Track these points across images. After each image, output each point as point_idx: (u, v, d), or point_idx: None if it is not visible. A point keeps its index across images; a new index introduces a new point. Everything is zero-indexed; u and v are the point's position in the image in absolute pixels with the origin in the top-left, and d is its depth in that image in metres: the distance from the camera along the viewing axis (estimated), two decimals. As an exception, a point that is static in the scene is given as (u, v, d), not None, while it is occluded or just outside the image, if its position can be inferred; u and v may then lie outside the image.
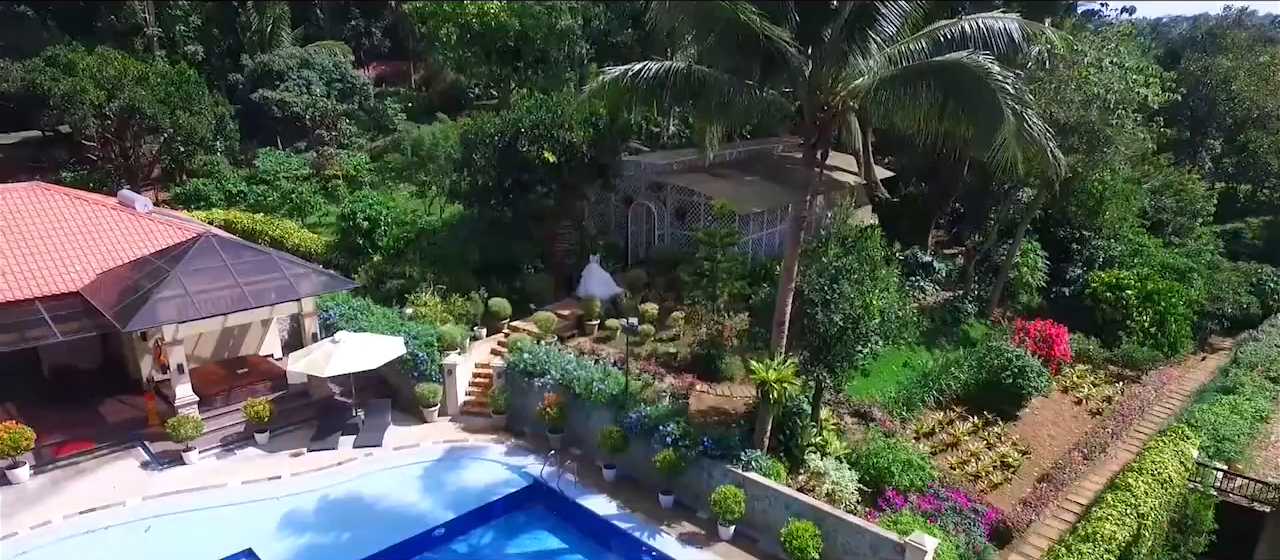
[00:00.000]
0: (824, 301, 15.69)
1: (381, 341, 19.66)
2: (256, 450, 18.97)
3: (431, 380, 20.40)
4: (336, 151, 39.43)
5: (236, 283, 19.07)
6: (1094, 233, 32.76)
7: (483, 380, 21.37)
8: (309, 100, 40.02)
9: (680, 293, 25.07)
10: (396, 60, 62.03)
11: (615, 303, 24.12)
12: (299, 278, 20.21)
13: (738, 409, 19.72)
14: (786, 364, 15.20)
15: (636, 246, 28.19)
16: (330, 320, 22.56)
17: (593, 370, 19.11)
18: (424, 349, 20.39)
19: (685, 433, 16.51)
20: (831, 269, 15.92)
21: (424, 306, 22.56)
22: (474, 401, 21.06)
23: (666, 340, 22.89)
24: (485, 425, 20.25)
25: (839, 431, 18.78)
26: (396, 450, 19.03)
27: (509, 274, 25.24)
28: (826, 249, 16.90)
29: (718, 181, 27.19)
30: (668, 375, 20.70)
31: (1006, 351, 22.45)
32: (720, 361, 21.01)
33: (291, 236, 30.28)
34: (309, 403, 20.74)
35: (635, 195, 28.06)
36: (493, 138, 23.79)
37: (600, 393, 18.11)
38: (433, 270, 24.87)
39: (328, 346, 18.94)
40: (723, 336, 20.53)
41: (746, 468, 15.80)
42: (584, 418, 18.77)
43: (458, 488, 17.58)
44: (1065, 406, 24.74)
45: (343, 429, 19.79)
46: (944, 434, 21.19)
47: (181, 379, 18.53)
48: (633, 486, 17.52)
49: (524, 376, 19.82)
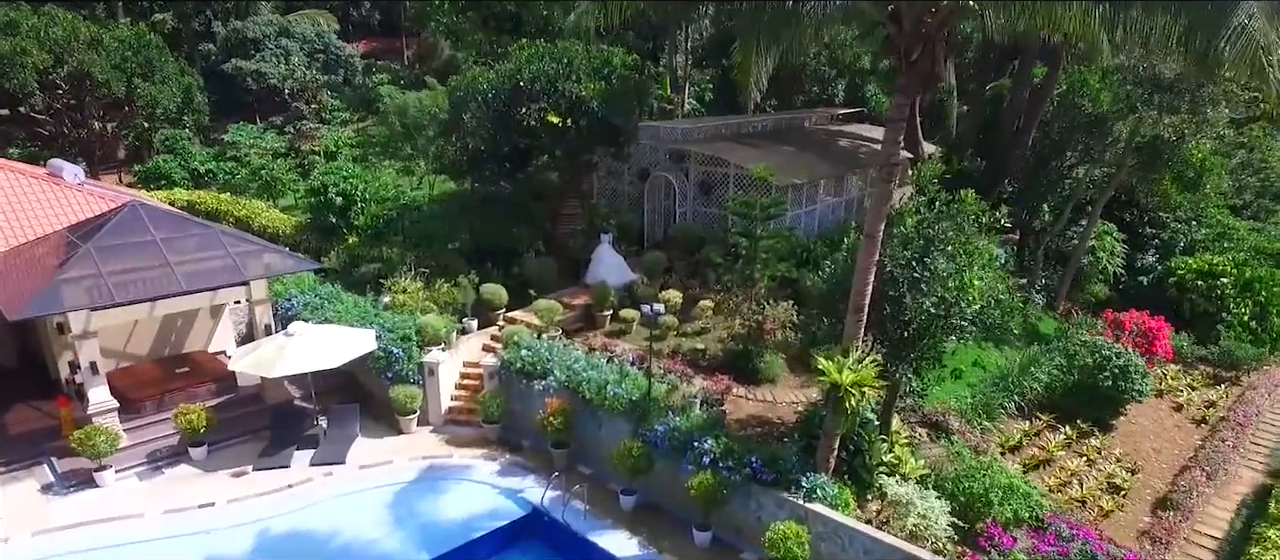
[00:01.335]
0: (911, 281, 12.16)
1: (347, 335, 16.25)
2: (191, 469, 15.56)
3: (408, 382, 16.96)
4: (317, 127, 36.02)
5: (165, 262, 15.63)
6: (1169, 214, 29.14)
7: (472, 382, 17.92)
8: (286, 70, 36.62)
9: (706, 278, 21.66)
10: (388, 38, 58.85)
11: (630, 290, 20.67)
12: (247, 257, 16.76)
13: (783, 418, 16.26)
14: (865, 362, 11.66)
15: (654, 226, 24.68)
16: (292, 310, 19.20)
17: (606, 370, 15.65)
18: (400, 344, 16.96)
19: (727, 450, 13.02)
20: (921, 238, 12.35)
21: (403, 293, 19.11)
22: (461, 408, 17.61)
23: (692, 334, 19.43)
24: (474, 437, 16.80)
25: (912, 446, 15.26)
26: (363, 469, 15.59)
27: (506, 258, 21.86)
28: (904, 219, 13.33)
29: (748, 150, 23.67)
30: (696, 376, 17.26)
31: (1105, 348, 18.85)
32: (759, 360, 17.54)
33: (258, 217, 26.89)
34: (261, 409, 17.30)
35: (652, 167, 24.55)
36: (486, 94, 20.30)
37: (616, 399, 14.64)
38: (417, 252, 21.46)
39: (279, 340, 15.52)
40: (764, 329, 17.01)
41: (809, 497, 12.30)
42: (595, 429, 15.31)
43: (436, 518, 14.14)
44: (1163, 413, 21.15)
45: (299, 442, 16.37)
46: (1033, 447, 17.64)
47: (96, 380, 15.12)
48: (658, 517, 14.06)
49: (521, 377, 16.36)
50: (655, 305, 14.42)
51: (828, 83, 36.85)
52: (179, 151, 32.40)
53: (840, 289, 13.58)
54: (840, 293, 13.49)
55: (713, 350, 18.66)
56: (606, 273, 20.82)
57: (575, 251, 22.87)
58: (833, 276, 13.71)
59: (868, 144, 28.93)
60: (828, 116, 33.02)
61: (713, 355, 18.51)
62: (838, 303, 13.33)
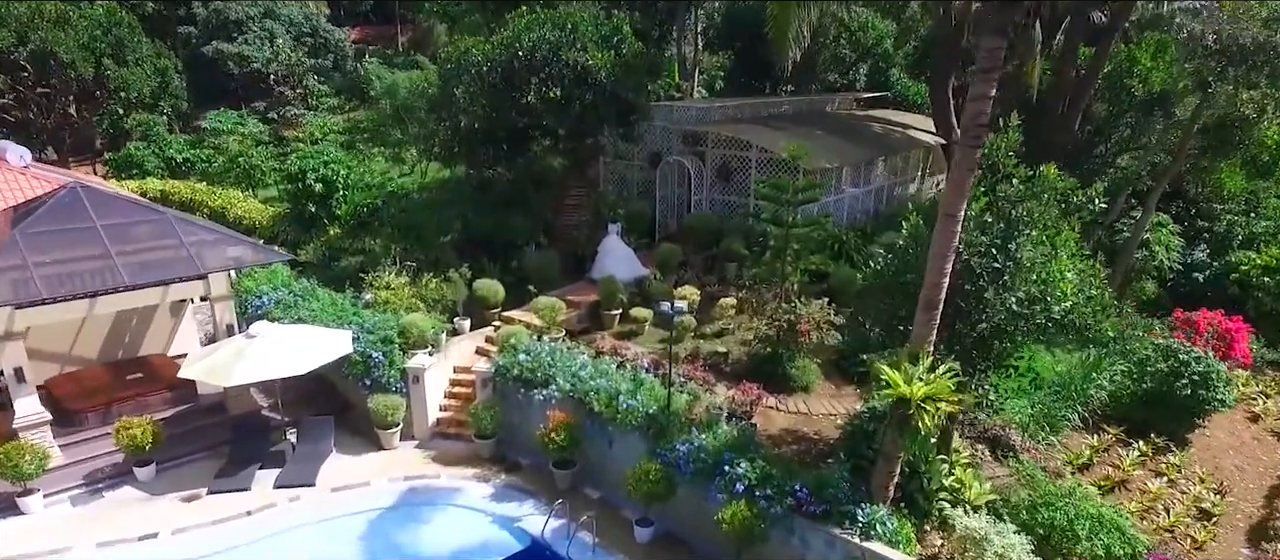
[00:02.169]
0: (992, 273, 10.08)
1: (319, 337, 14.27)
2: (135, 491, 13.57)
3: (390, 391, 14.94)
4: (302, 113, 34.00)
5: (107, 253, 13.63)
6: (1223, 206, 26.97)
7: (463, 390, 15.92)
8: (270, 53, 34.60)
9: (726, 273, 19.64)
10: (383, 25, 56.90)
11: (641, 286, 18.65)
12: (204, 247, 14.75)
13: (821, 432, 14.24)
14: (938, 371, 9.60)
15: (665, 216, 22.63)
16: (262, 308, 17.20)
17: (616, 378, 13.64)
18: (380, 347, 14.94)
19: (765, 475, 10.97)
20: (1000, 221, 10.27)
21: (386, 290, 17.09)
22: (450, 419, 15.61)
23: (712, 336, 17.40)
24: (464, 454, 14.80)
25: (975, 467, 13.19)
26: (335, 492, 13.58)
27: (503, 251, 19.86)
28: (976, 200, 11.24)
29: (772, 133, 21.59)
30: (718, 383, 15.23)
31: (1182, 352, 16.74)
32: (791, 365, 15.49)
33: (234, 208, 24.90)
34: (223, 421, 15.29)
35: (664, 151, 22.48)
36: (480, 66, 18.25)
37: (630, 412, 12.61)
38: (405, 244, 19.45)
39: (238, 343, 13.54)
40: (799, 330, 14.94)
41: (866, 534, 10.24)
42: (605, 447, 13.30)
43: (418, 552, 12.18)
44: (1238, 424, 19.00)
45: (263, 459, 14.38)
46: (1105, 466, 15.56)
47: (23, 389, 13.14)
48: (679, 552, 12.10)
49: (519, 386, 14.35)
50: (676, 302, 12.38)
51: (848, 67, 34.78)
52: (153, 139, 30.39)
53: (897, 283, 11.52)
54: (898, 287, 11.44)
55: (736, 354, 16.65)
56: (615, 267, 18.81)
57: (579, 244, 20.86)
58: (888, 268, 11.63)
59: (898, 128, 26.86)
60: (850, 101, 30.97)
61: (736, 360, 16.49)
62: (892, 298, 11.27)
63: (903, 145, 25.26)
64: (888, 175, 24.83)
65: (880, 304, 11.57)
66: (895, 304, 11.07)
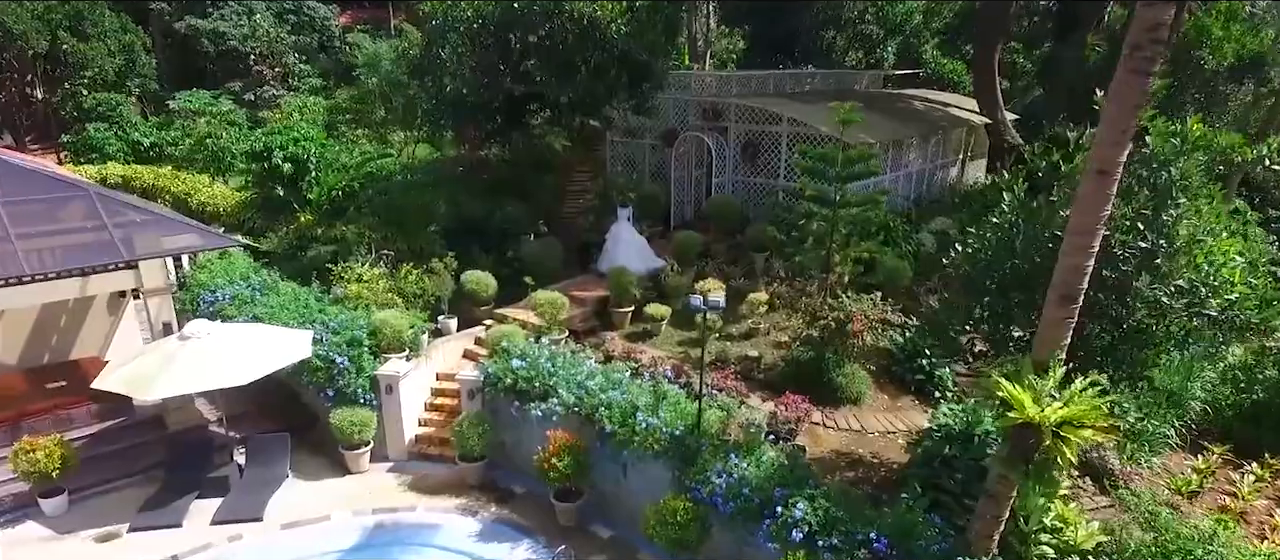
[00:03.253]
0: (1142, 256, 7.62)
1: (272, 339, 11.84)
2: (39, 529, 11.18)
3: (357, 403, 12.51)
4: (282, 94, 31.56)
5: (5, 235, 11.17)
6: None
7: (448, 402, 13.49)
8: (248, 30, 32.17)
9: (753, 264, 17.21)
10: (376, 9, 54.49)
11: (657, 280, 16.25)
12: (132, 231, 12.37)
13: (880, 454, 11.83)
14: (1076, 387, 7.12)
15: (681, 201, 20.16)
16: (215, 304, 14.77)
17: (632, 389, 11.19)
18: (345, 350, 12.48)
19: (829, 519, 8.51)
20: (1146, 189, 7.79)
21: (359, 283, 14.65)
22: (431, 437, 13.19)
23: (740, 338, 14.98)
24: (447, 480, 12.38)
25: (1074, 499, 10.74)
26: (287, 529, 11.18)
27: (498, 240, 17.45)
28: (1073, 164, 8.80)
29: (805, 105, 19.12)
30: (752, 393, 12.83)
31: (1305, 357, 14.25)
32: (838, 371, 13.05)
33: (198, 193, 22.50)
34: (159, 439, 12.87)
35: (681, 128, 20.00)
36: (471, 22, 15.80)
37: (650, 432, 10.17)
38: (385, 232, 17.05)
39: (168, 348, 11.11)
40: (852, 331, 12.46)
41: (968, 601, 7.77)
42: (618, 474, 10.88)
43: (384, 613, 9.69)
44: (1348, 440, 16.49)
45: (202, 487, 11.96)
46: (1218, 493, 13.07)
47: (-102, 404, 10.67)
48: (714, 612, 9.60)
49: (513, 398, 11.89)
50: (708, 296, 9.89)
51: (875, 45, 32.27)
52: (116, 120, 27.97)
53: (992, 270, 9.05)
54: (994, 275, 8.98)
55: (769, 358, 14.23)
56: (626, 258, 16.40)
57: (584, 231, 18.44)
58: (982, 251, 9.14)
59: (939, 107, 24.40)
60: (879, 79, 28.51)
61: (769, 365, 14.08)
62: (996, 291, 8.81)
63: (945, 124, 22.77)
64: (930, 157, 22.35)
65: (973, 298, 9.08)
66: (1001, 297, 8.60)
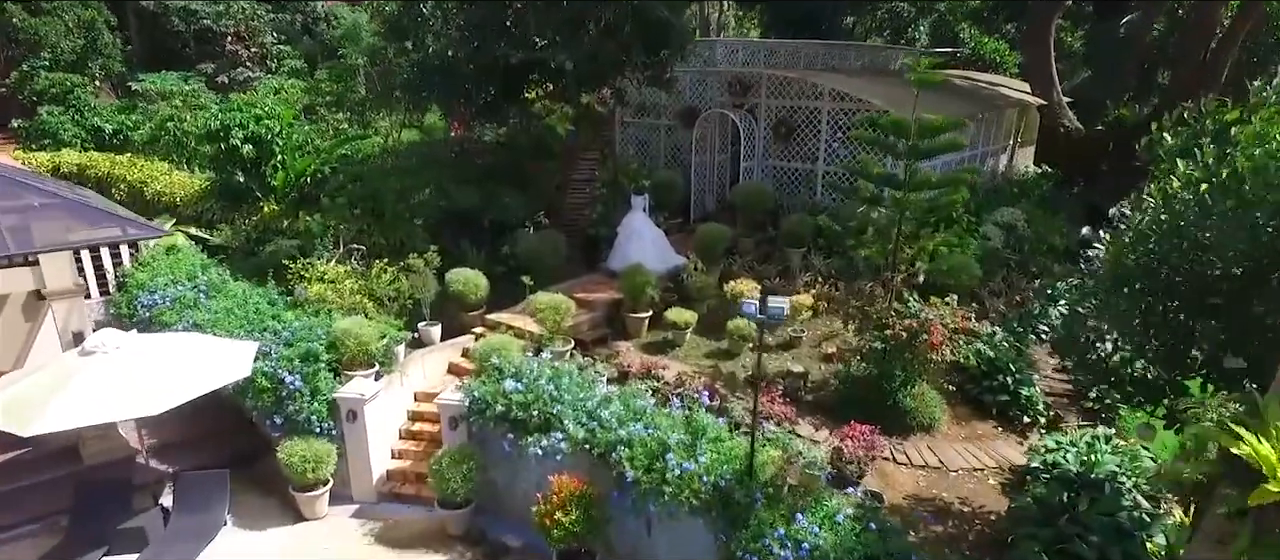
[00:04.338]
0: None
1: (207, 352, 9.44)
2: (-104, 599, 8.74)
3: (312, 433, 10.12)
4: (258, 76, 29.20)
5: None
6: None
7: (428, 428, 11.11)
8: (222, 7, 29.81)
9: (789, 262, 14.87)
10: (368, -6, 52.27)
11: (678, 280, 13.88)
12: (32, 219, 9.98)
13: (970, 500, 9.49)
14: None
15: (702, 189, 17.77)
16: (152, 307, 12.41)
17: (660, 419, 8.76)
18: (297, 367, 10.10)
19: (945, 617, 6.11)
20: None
21: (320, 283, 12.28)
22: (406, 473, 10.81)
23: (778, 349, 12.66)
24: (424, 528, 10.00)
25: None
26: (215, 599, 8.74)
27: (493, 234, 15.14)
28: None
29: (847, 77, 16.75)
30: (801, 419, 10.49)
31: None
32: (906, 392, 10.70)
33: (155, 182, 20.11)
34: (72, 474, 10.48)
35: (702, 105, 17.61)
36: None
37: (687, 480, 7.74)
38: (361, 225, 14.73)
39: (66, 365, 8.73)
40: (929, 343, 10.07)
41: None
42: (641, 531, 8.47)
43: None
44: None
45: (112, 540, 9.52)
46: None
47: None
48: None
49: (505, 428, 9.47)
50: (770, 301, 7.48)
51: (907, 24, 29.97)
52: (72, 104, 25.59)
53: (1166, 267, 6.65)
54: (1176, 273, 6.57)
55: (817, 375, 11.88)
56: (641, 254, 14.07)
57: (591, 224, 16.10)
58: (1162, 239, 6.68)
59: (987, 87, 22.08)
60: (915, 58, 26.15)
61: (818, 382, 11.73)
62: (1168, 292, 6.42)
63: (998, 104, 20.39)
64: (983, 142, 19.98)
65: (1134, 304, 6.66)
66: (1193, 305, 6.20)
